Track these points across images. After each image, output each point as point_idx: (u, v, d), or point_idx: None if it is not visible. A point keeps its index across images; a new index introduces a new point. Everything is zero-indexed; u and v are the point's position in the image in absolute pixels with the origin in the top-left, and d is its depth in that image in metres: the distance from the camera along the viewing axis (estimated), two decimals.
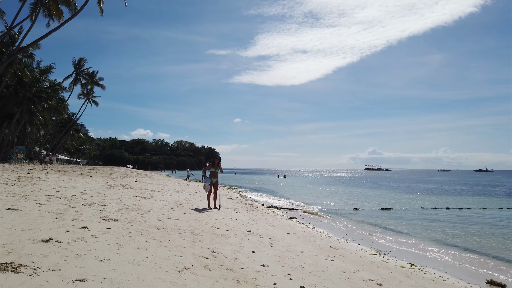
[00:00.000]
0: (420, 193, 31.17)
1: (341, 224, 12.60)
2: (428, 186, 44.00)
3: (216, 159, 11.89)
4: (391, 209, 17.62)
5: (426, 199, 24.57)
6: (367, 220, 13.69)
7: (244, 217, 10.65)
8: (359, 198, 24.69)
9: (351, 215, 15.16)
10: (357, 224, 12.74)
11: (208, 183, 11.62)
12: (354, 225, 12.54)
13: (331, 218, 14.14)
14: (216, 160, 11.81)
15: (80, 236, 5.10)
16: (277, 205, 17.45)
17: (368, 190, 34.64)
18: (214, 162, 11.83)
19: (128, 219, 7.29)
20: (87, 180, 17.33)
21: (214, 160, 11.87)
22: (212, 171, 11.79)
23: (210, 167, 11.86)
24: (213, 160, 11.89)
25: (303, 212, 16.02)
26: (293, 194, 27.38)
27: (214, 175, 11.76)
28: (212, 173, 11.77)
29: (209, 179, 11.67)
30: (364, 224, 12.71)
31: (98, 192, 12.12)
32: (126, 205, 9.63)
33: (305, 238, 8.19)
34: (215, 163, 11.81)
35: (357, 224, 12.74)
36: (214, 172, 11.77)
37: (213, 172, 11.76)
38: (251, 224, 9.30)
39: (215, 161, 11.83)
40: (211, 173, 11.80)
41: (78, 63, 62.16)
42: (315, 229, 10.49)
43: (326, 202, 21.42)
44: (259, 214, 12.54)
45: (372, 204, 20.52)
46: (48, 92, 41.82)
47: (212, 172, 11.78)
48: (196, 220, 8.59)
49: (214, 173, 11.77)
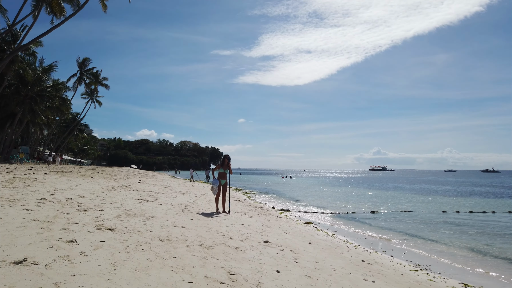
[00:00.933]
0: (435, 195, 29.94)
1: (362, 230, 11.55)
2: (442, 187, 42.51)
3: (225, 159, 10.89)
4: (411, 212, 16.50)
5: (444, 202, 23.38)
6: (389, 226, 12.61)
7: (257, 223, 9.63)
8: (373, 200, 23.56)
9: (370, 220, 14.09)
10: (380, 230, 11.67)
11: (216, 185, 10.63)
12: (377, 231, 11.47)
13: (350, 223, 13.09)
14: (225, 160, 10.82)
15: (65, 253, 4.11)
16: (288, 208, 16.42)
17: (380, 192, 33.45)
18: (223, 162, 10.83)
19: (127, 227, 6.29)
20: (88, 181, 16.40)
21: (223, 160, 10.87)
22: (220, 172, 10.80)
23: (219, 167, 10.86)
24: (223, 160, 10.89)
25: (316, 214, 14.99)
26: (303, 196, 26.32)
27: (223, 176, 10.76)
28: (220, 174, 10.78)
29: (217, 180, 10.69)
30: (388, 230, 11.64)
31: (97, 194, 11.15)
32: (126, 210, 8.64)
33: (330, 249, 7.15)
34: (224, 163, 10.81)
35: (380, 230, 11.67)
36: (223, 173, 10.77)
37: (222, 173, 10.76)
38: (266, 231, 8.28)
39: (225, 161, 10.83)
40: (219, 174, 10.81)
41: (82, 62, 61.67)
42: (336, 237, 9.45)
43: (339, 204, 20.35)
44: (272, 219, 11.52)
45: (389, 206, 19.40)
46: (51, 91, 41.06)
47: (220, 173, 10.78)
48: (205, 227, 7.59)
49: (223, 174, 10.76)
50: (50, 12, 34.51)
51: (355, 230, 11.55)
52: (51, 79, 47.22)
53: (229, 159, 10.91)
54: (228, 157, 10.92)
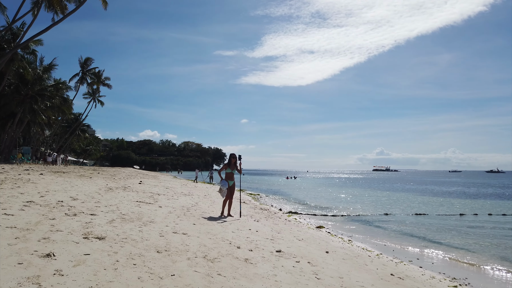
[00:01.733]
0: (447, 196, 28.80)
1: (379, 235, 10.67)
2: (451, 188, 41.25)
3: (233, 158, 10.02)
4: (426, 215, 15.59)
5: (457, 203, 22.40)
6: (407, 230, 11.72)
7: (266, 228, 8.79)
8: (383, 201, 22.60)
9: (384, 223, 13.21)
10: (398, 235, 10.79)
11: (225, 187, 9.76)
12: (395, 236, 10.60)
13: (364, 227, 12.22)
14: (232, 160, 9.98)
15: (35, 273, 3.29)
16: (296, 211, 15.56)
17: (389, 193, 32.42)
18: (230, 162, 9.98)
19: (120, 236, 5.48)
20: (85, 182, 15.63)
21: (230, 159, 10.01)
22: (227, 172, 9.96)
23: (226, 167, 10.02)
24: (229, 159, 10.03)
25: (326, 217, 14.13)
26: (309, 197, 25.43)
27: (230, 177, 9.92)
28: (227, 175, 9.94)
29: (226, 182, 9.84)
30: (406, 236, 10.76)
31: (92, 196, 10.36)
32: (122, 213, 7.83)
33: (351, 260, 6.29)
34: (231, 163, 9.97)
35: (398, 235, 10.79)
36: (230, 173, 9.93)
37: (229, 174, 9.93)
38: (276, 238, 7.44)
39: (231, 160, 10.00)
40: (226, 175, 9.98)
41: (84, 62, 61.04)
42: (354, 244, 8.59)
43: (348, 206, 19.46)
44: (281, 223, 10.67)
45: (402, 209, 18.47)
46: (51, 90, 40.40)
47: (228, 174, 9.95)
48: (209, 234, 6.76)
49: (231, 175, 9.93)
50: (50, 9, 33.89)
51: (371, 235, 10.67)
52: (52, 79, 46.68)
53: (238, 157, 10.06)
54: (234, 156, 10.07)
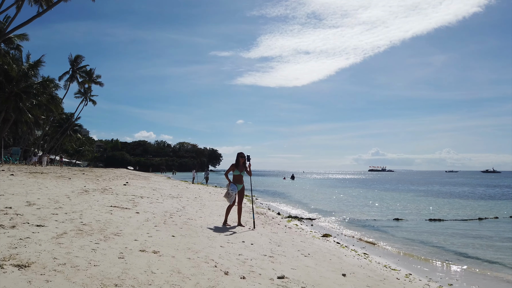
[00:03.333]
0: (454, 198, 27.05)
1: (395, 246, 9.12)
2: (456, 189, 39.48)
3: (241, 158, 8.41)
4: (442, 221, 14.06)
5: (469, 205, 20.87)
6: (426, 239, 10.15)
7: (263, 239, 7.23)
8: (389, 204, 21.04)
9: (397, 230, 11.67)
10: (419, 246, 9.20)
11: (234, 192, 8.21)
12: (417, 247, 9.06)
13: (376, 235, 10.69)
14: (241, 160, 8.37)
15: None
16: (296, 215, 13.98)
17: (392, 194, 30.88)
18: (237, 162, 8.42)
19: (58, 260, 3.89)
20: (60, 183, 13.98)
21: (237, 158, 8.42)
22: (235, 175, 8.42)
23: (233, 168, 8.45)
24: (236, 159, 8.44)
25: (330, 221, 12.60)
26: (309, 199, 23.86)
27: (238, 180, 8.40)
28: (235, 178, 8.42)
29: (235, 186, 8.30)
30: (429, 247, 9.20)
31: (56, 201, 8.74)
32: (82, 223, 6.24)
33: (377, 286, 4.74)
34: (239, 164, 8.40)
35: (419, 246, 9.20)
36: (238, 176, 8.40)
37: (237, 176, 8.41)
38: (276, 253, 5.89)
39: (239, 160, 8.39)
40: (234, 178, 8.46)
41: (74, 60, 59.15)
42: (371, 259, 7.04)
43: (352, 209, 17.93)
44: (280, 231, 9.11)
45: (411, 212, 16.96)
46: (38, 87, 38.53)
47: (235, 176, 8.42)
48: (189, 250, 5.19)
49: (239, 177, 8.41)
50: (36, 2, 32.23)
51: (388, 246, 9.13)
52: (41, 77, 44.77)
53: (246, 158, 8.42)
54: (243, 155, 8.44)
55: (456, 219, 14.56)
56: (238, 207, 8.58)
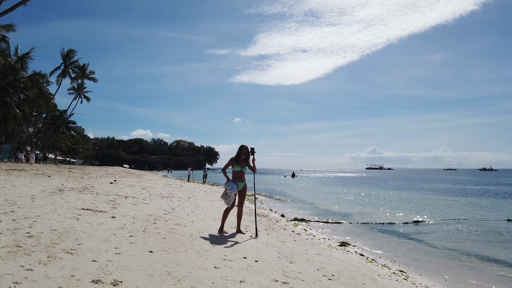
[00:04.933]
0: (469, 196, 25.10)
1: (431, 258, 7.49)
2: (467, 187, 37.34)
3: (244, 150, 6.77)
4: (466, 220, 12.51)
5: (491, 204, 19.24)
6: (460, 245, 8.59)
7: (269, 252, 5.64)
8: (401, 204, 19.34)
9: (422, 235, 10.08)
10: (460, 257, 7.58)
11: (233, 192, 6.62)
12: (451, 256, 7.48)
13: (399, 242, 9.11)
14: (243, 153, 6.74)
15: None
16: (303, 217, 12.37)
17: (400, 193, 29.25)
18: (238, 156, 6.79)
19: None
20: (35, 181, 12.33)
21: (239, 152, 6.80)
22: (235, 171, 6.84)
23: (233, 163, 6.81)
24: (238, 152, 6.81)
25: (341, 224, 11.02)
26: (312, 198, 22.27)
27: (239, 177, 6.83)
28: (235, 174, 6.85)
29: (235, 184, 6.71)
30: (465, 255, 7.64)
31: (14, 202, 7.11)
32: (29, 234, 4.63)
33: None
34: (240, 158, 6.78)
35: (460, 257, 7.58)
36: (239, 172, 6.83)
37: (238, 173, 6.83)
38: (290, 275, 4.29)
39: (240, 154, 6.75)
40: (234, 174, 6.87)
41: (67, 54, 57.18)
42: (415, 281, 5.43)
43: (363, 210, 16.36)
44: (289, 239, 7.51)
45: (429, 213, 15.38)
46: (25, 81, 36.71)
47: (236, 173, 6.84)
48: (168, 277, 3.59)
49: (240, 174, 6.83)
50: None
51: (419, 256, 7.53)
52: (32, 71, 42.86)
53: (251, 151, 6.78)
54: (246, 148, 6.78)
55: (484, 219, 12.98)
56: (238, 210, 7.00)
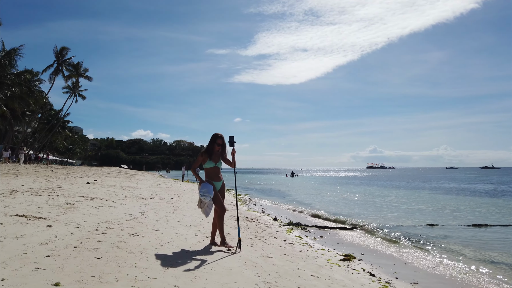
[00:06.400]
0: (483, 196, 23.10)
1: (457, 272, 5.87)
2: (481, 186, 35.24)
3: (218, 140, 5.22)
4: (489, 227, 10.83)
5: (508, 206, 17.57)
6: (488, 256, 6.94)
7: (245, 275, 4.00)
8: (408, 205, 17.67)
9: (441, 241, 8.44)
10: (495, 267, 5.96)
11: (209, 196, 5.00)
12: (485, 275, 5.83)
13: (415, 252, 7.46)
14: (217, 143, 5.20)
15: None
16: (299, 221, 10.67)
17: (408, 192, 27.53)
18: (212, 148, 5.23)
19: None
20: None
21: (212, 143, 5.24)
22: (208, 168, 5.23)
23: (205, 158, 5.19)
24: (211, 143, 5.25)
25: (343, 230, 9.38)
26: (311, 199, 20.59)
27: (214, 174, 5.26)
28: (209, 172, 5.25)
29: (210, 185, 5.09)
30: (498, 268, 6.01)
31: None
32: None
33: None
34: (214, 150, 5.23)
35: (495, 267, 5.96)
36: (214, 169, 5.25)
37: (212, 170, 5.24)
38: None
39: (214, 146, 5.22)
40: (207, 172, 5.24)
41: (60, 52, 55.57)
42: None
43: (368, 212, 14.71)
44: (278, 251, 5.85)
45: (441, 215, 13.74)
46: (12, 78, 35.14)
47: (209, 170, 5.24)
48: None
49: (215, 171, 5.26)
50: None
51: (457, 275, 5.87)
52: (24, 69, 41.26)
53: (230, 141, 5.27)
54: (221, 137, 5.24)
55: (504, 224, 11.29)
56: (218, 215, 5.31)
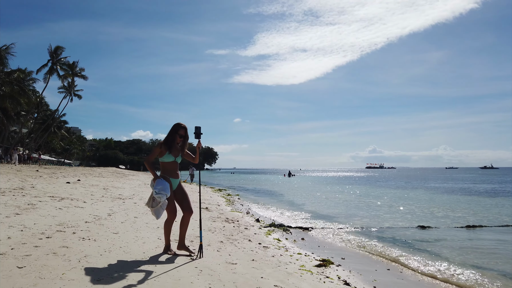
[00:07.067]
0: (480, 195, 22.49)
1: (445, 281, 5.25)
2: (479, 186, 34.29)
3: (180, 130, 4.50)
4: (483, 228, 10.17)
5: (500, 205, 16.97)
6: (480, 263, 6.32)
7: (202, 285, 3.37)
8: (403, 206, 17.09)
9: (429, 244, 7.82)
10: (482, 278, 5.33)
11: (163, 196, 4.30)
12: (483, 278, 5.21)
13: (398, 255, 6.85)
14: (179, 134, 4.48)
15: None
16: (282, 222, 10.04)
17: (402, 192, 26.96)
18: (172, 140, 4.49)
19: None
20: None
21: (173, 133, 4.50)
22: (165, 163, 4.51)
23: (164, 150, 4.46)
24: (171, 133, 4.51)
25: (329, 229, 8.75)
26: (304, 199, 19.97)
27: (172, 170, 4.56)
28: (166, 167, 4.54)
29: (166, 182, 4.39)
30: (490, 275, 5.40)
31: None
32: None
33: None
34: (174, 142, 4.49)
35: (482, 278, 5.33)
36: (173, 163, 4.54)
37: (170, 165, 4.54)
38: None
39: (176, 137, 4.48)
40: (164, 167, 4.54)
41: (54, 51, 54.97)
42: None
43: (358, 212, 14.11)
44: (246, 256, 5.22)
45: (434, 216, 13.15)
46: (2, 77, 34.54)
47: (166, 165, 4.53)
48: None
49: (174, 167, 4.57)
50: None
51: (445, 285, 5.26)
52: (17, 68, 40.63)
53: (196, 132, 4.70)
54: (183, 128, 4.54)
55: (501, 225, 10.66)
56: (184, 218, 4.63)
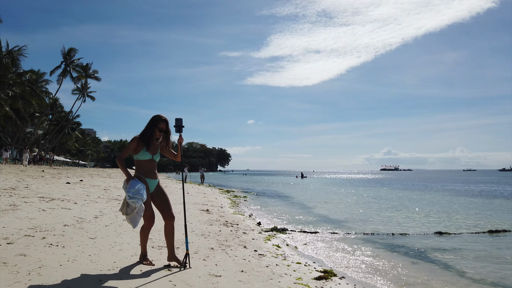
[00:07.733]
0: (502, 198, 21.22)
1: None
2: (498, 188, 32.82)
3: (161, 122, 3.85)
4: (507, 232, 9.20)
5: None
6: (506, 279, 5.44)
7: None
8: (419, 209, 16.06)
9: (448, 253, 6.92)
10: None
11: (139, 200, 3.61)
12: None
13: (413, 263, 6.01)
14: (159, 129, 3.84)
15: None
16: (285, 226, 9.23)
17: (418, 194, 25.80)
18: (151, 134, 3.83)
19: None
20: None
21: (151, 128, 3.84)
22: (142, 161, 3.84)
23: (140, 145, 3.78)
24: (150, 127, 3.85)
25: (334, 235, 7.94)
26: (315, 201, 19.01)
27: (149, 170, 3.90)
28: (142, 166, 3.87)
29: (142, 184, 3.71)
30: None
31: None
32: None
33: None
34: (153, 136, 3.83)
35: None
36: (150, 162, 3.88)
37: (148, 163, 3.87)
38: None
39: (155, 131, 3.83)
40: (139, 165, 3.87)
41: (67, 53, 55.61)
42: None
43: (370, 216, 13.19)
44: (237, 265, 4.47)
45: (454, 221, 12.16)
46: (13, 77, 34.80)
47: (143, 163, 3.86)
48: None
49: (151, 166, 3.91)
50: None
51: None
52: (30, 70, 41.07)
53: (177, 125, 4.18)
54: (164, 120, 3.91)
55: None
56: (167, 225, 3.95)
